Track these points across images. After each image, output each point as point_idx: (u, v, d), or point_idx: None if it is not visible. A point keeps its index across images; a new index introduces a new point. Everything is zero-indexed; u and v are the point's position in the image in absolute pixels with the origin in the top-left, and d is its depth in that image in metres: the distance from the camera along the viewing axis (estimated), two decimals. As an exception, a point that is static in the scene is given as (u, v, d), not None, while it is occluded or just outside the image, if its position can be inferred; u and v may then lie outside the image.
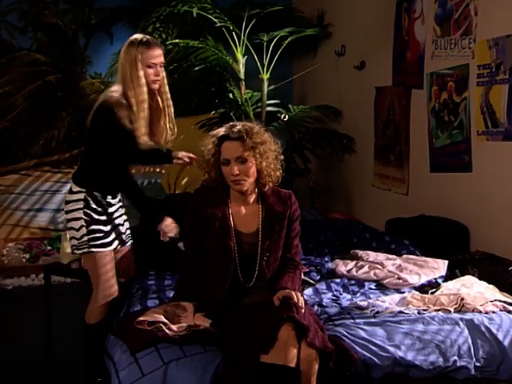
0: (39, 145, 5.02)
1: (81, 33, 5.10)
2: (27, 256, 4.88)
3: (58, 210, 4.95)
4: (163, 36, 5.00)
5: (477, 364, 2.24)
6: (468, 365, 2.22)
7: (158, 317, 2.22)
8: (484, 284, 2.77)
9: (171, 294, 2.58)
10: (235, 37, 4.63)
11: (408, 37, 4.08)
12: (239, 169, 2.28)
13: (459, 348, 2.25)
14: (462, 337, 2.29)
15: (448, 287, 2.77)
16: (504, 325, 2.36)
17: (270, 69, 4.73)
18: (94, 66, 5.15)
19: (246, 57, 4.73)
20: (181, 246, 2.96)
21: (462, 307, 2.50)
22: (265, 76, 4.74)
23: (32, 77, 4.94)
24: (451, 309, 2.49)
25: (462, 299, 2.52)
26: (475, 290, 2.67)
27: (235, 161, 2.28)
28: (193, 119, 4.86)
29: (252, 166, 2.31)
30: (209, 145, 2.36)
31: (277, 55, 4.72)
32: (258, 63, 4.71)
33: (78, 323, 2.77)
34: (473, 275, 2.92)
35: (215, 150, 2.33)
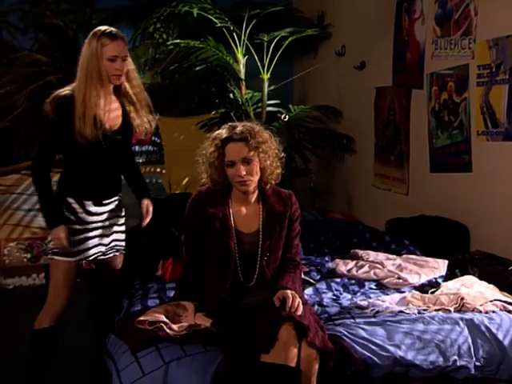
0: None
1: (82, 33, 5.07)
2: (28, 256, 4.88)
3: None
4: (164, 36, 5.02)
5: (477, 364, 2.24)
6: (468, 364, 2.22)
7: (159, 316, 2.22)
8: (484, 284, 2.77)
9: (172, 294, 2.58)
10: (236, 37, 4.63)
11: (408, 37, 4.08)
12: (245, 169, 2.28)
13: (459, 348, 2.25)
14: (462, 336, 2.29)
15: (448, 287, 2.77)
16: (504, 324, 2.37)
17: (271, 69, 4.73)
18: (95, 67, 5.15)
19: (247, 57, 4.73)
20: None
21: (462, 307, 2.50)
22: (265, 76, 4.75)
23: (33, 77, 4.93)
24: (451, 308, 2.49)
25: (462, 299, 2.52)
26: (475, 290, 2.67)
27: (241, 162, 2.28)
28: (193, 119, 4.88)
29: (256, 166, 2.31)
30: (211, 147, 2.34)
31: (277, 55, 4.72)
32: (259, 63, 4.71)
33: (79, 323, 2.77)
34: (473, 275, 2.92)
35: (219, 153, 2.32)
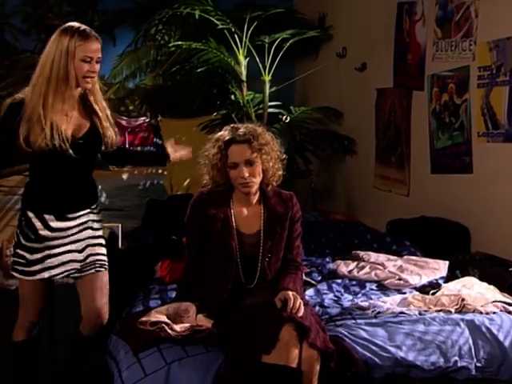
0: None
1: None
2: (30, 257, 4.88)
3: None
4: (166, 38, 5.03)
5: (477, 364, 2.24)
6: (469, 365, 2.22)
7: (161, 317, 2.23)
8: (484, 285, 2.77)
9: (173, 295, 2.59)
10: (237, 39, 4.64)
11: (409, 39, 4.08)
12: (248, 171, 2.28)
13: (460, 348, 2.25)
14: (463, 337, 2.29)
15: (449, 288, 2.77)
16: (504, 325, 2.37)
17: (272, 70, 4.74)
18: (97, 68, 5.17)
19: (248, 59, 4.74)
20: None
21: (463, 308, 2.50)
22: (266, 78, 4.76)
23: (35, 79, 4.96)
24: (452, 309, 2.49)
25: (463, 300, 2.52)
26: (476, 291, 2.67)
27: (244, 164, 2.28)
28: (195, 121, 4.88)
29: (259, 167, 2.31)
30: (213, 149, 2.34)
31: (278, 57, 4.72)
32: (260, 65, 4.72)
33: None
34: (473, 276, 2.92)
35: (222, 154, 2.32)
